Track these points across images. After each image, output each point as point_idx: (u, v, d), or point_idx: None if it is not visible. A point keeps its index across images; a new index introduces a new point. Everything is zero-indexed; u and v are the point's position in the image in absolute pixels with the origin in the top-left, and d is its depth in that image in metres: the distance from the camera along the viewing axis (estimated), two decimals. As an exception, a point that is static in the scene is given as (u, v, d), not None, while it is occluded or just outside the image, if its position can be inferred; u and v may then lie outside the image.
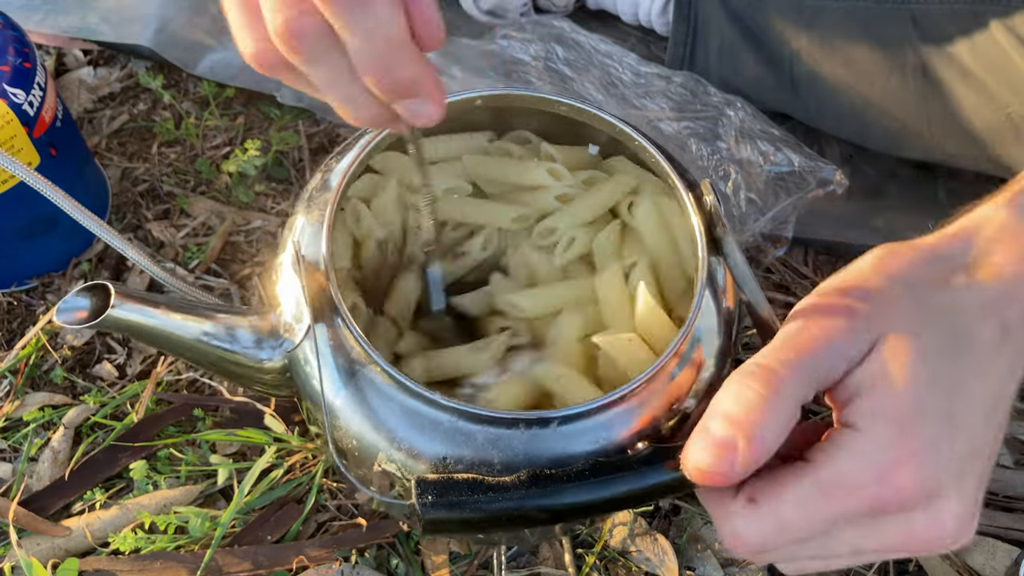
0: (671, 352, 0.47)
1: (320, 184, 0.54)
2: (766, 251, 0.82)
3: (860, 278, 0.43)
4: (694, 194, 0.52)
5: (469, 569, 0.68)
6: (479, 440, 0.45)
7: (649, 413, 0.46)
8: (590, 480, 0.42)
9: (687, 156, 0.85)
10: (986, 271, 0.43)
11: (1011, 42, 0.74)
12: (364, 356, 0.46)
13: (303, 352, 0.48)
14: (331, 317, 0.47)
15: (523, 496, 0.42)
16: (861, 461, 0.39)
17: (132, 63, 0.99)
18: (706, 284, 0.49)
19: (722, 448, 0.39)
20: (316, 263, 0.49)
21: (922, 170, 0.90)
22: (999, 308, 0.42)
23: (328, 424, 0.47)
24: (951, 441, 0.40)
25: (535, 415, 0.45)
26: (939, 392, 0.40)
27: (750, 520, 0.40)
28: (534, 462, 0.45)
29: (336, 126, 0.95)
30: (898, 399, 0.39)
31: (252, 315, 0.51)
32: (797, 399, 0.39)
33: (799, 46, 0.83)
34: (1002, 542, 0.70)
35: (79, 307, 0.47)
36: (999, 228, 0.44)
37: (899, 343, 0.40)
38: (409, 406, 0.46)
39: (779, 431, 0.39)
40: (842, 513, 0.39)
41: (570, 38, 0.93)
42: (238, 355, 0.50)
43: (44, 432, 0.75)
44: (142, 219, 0.87)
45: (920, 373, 0.40)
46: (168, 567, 0.66)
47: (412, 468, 0.46)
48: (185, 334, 0.49)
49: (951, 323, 0.41)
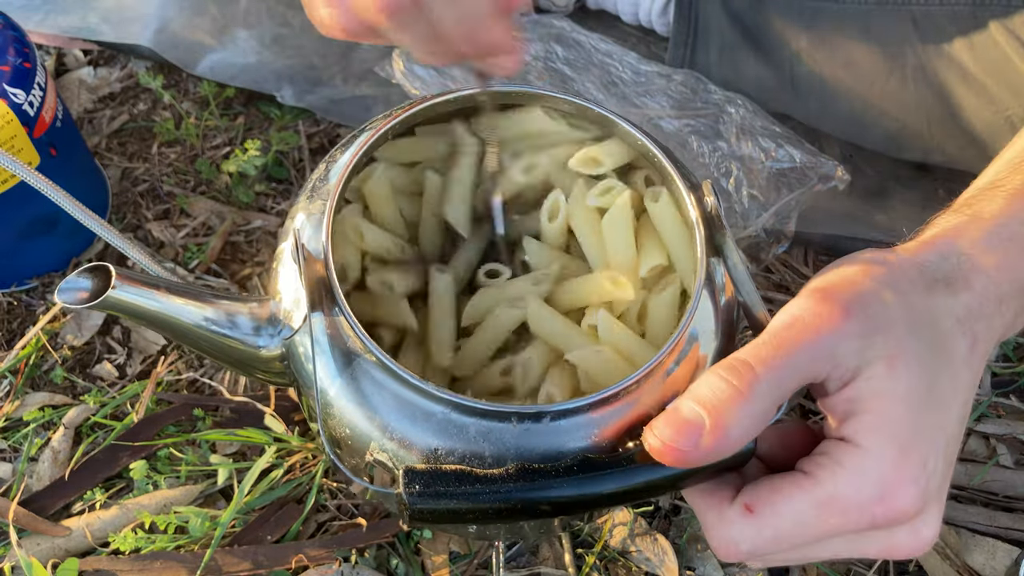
0: (667, 350, 0.47)
1: (323, 175, 0.54)
2: (768, 247, 0.82)
3: (850, 281, 0.43)
4: (695, 195, 0.52)
5: (469, 569, 0.68)
6: (471, 432, 0.45)
7: (642, 412, 0.46)
8: (578, 476, 0.43)
9: (688, 154, 0.85)
10: (961, 286, 0.43)
11: (1011, 44, 0.74)
12: (360, 345, 0.47)
13: (300, 340, 0.49)
14: (329, 306, 0.48)
15: (510, 489, 0.42)
16: (863, 481, 0.39)
17: (132, 63, 0.99)
18: (704, 284, 0.49)
19: (686, 425, 0.40)
20: (316, 253, 0.49)
21: (922, 170, 0.90)
22: (970, 322, 0.43)
23: (320, 412, 0.48)
24: (938, 459, 0.41)
25: (528, 409, 0.45)
26: (931, 410, 0.41)
27: (746, 528, 0.41)
28: (526, 456, 0.45)
29: (336, 126, 0.95)
30: (899, 420, 0.40)
31: (252, 302, 0.51)
32: (772, 398, 0.40)
33: (799, 47, 0.83)
34: (1002, 542, 0.70)
35: (80, 287, 0.48)
36: (972, 243, 0.45)
37: (898, 357, 0.40)
38: (402, 396, 0.46)
39: (747, 428, 0.40)
40: (837, 529, 0.40)
41: (570, 37, 0.92)
42: (236, 341, 0.50)
43: (44, 432, 0.75)
44: (142, 219, 0.87)
45: (917, 391, 0.40)
46: (168, 567, 0.66)
47: (404, 458, 0.46)
48: (184, 318, 0.49)
49: (933, 336, 0.42)
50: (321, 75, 0.95)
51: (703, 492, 0.43)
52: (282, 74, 0.95)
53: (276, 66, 0.95)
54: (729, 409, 0.39)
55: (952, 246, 0.45)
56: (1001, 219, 0.45)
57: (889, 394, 0.40)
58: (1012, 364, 0.81)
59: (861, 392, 0.40)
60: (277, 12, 0.99)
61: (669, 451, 0.40)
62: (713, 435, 0.39)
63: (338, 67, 0.96)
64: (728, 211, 0.82)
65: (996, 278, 0.44)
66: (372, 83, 0.94)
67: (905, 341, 0.40)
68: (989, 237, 0.45)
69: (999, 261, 0.44)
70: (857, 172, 0.90)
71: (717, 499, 0.42)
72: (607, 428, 0.46)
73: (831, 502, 0.39)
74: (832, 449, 0.40)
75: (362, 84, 0.95)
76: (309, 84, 0.94)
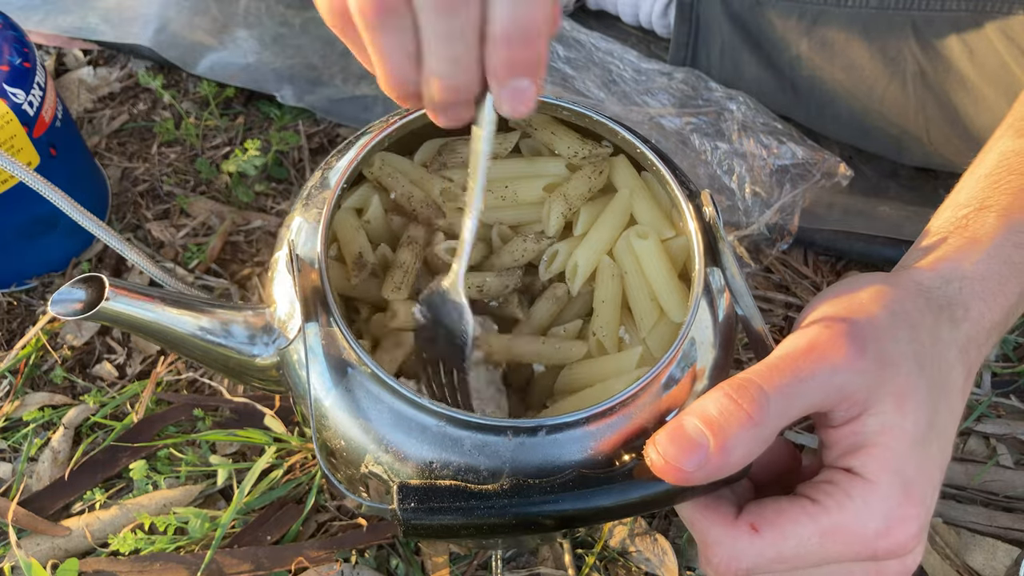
0: (664, 364, 0.46)
1: (319, 182, 0.54)
2: (771, 245, 0.82)
3: (863, 309, 0.43)
4: (694, 204, 0.51)
5: (468, 569, 0.68)
6: (466, 446, 0.45)
7: (639, 424, 0.46)
8: (573, 491, 0.42)
9: (690, 152, 0.84)
10: (961, 315, 0.44)
11: (1011, 52, 0.74)
12: (354, 357, 0.46)
13: (295, 350, 0.48)
14: (324, 317, 0.47)
15: (505, 505, 0.42)
16: (870, 514, 0.40)
17: (132, 63, 0.99)
18: (702, 295, 0.48)
19: (691, 444, 0.39)
20: (311, 262, 0.49)
21: (922, 170, 0.90)
22: (968, 351, 0.44)
23: (314, 424, 0.47)
24: (934, 493, 0.42)
25: (523, 423, 0.45)
26: (931, 444, 0.41)
27: (749, 547, 0.40)
28: (520, 470, 0.44)
29: (336, 126, 0.95)
30: (906, 456, 0.40)
31: (247, 311, 0.51)
32: (778, 423, 0.40)
33: (800, 51, 0.83)
34: (1002, 542, 0.70)
35: (74, 299, 0.47)
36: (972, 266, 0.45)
37: (908, 395, 0.41)
38: (397, 409, 0.46)
39: (750, 450, 0.40)
40: (837, 556, 0.40)
41: (570, 37, 0.92)
42: (231, 350, 0.50)
43: (44, 432, 0.75)
44: (142, 219, 0.87)
45: (922, 427, 0.41)
46: (168, 568, 0.66)
47: (399, 471, 0.46)
48: (179, 328, 0.49)
49: (938, 368, 0.42)
50: (321, 75, 0.95)
51: (704, 509, 0.42)
52: (282, 74, 0.95)
53: (276, 66, 0.95)
54: (736, 432, 0.39)
55: (954, 271, 0.45)
56: (997, 240, 0.46)
57: (897, 430, 0.40)
58: (1012, 364, 0.81)
59: (869, 427, 0.40)
60: (277, 12, 0.99)
61: (671, 470, 0.40)
62: (717, 457, 0.39)
63: (338, 67, 0.96)
64: (731, 208, 0.82)
65: (991, 305, 0.45)
66: (372, 83, 0.94)
67: (914, 378, 0.41)
68: (987, 260, 0.45)
69: (994, 288, 0.45)
70: (857, 172, 0.89)
71: (720, 516, 0.41)
72: (603, 441, 0.46)
73: (836, 531, 0.40)
74: (839, 479, 0.41)
75: (362, 84, 0.95)
76: (309, 84, 0.94)
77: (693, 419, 0.40)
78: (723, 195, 0.83)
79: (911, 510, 0.40)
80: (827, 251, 0.87)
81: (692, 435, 0.39)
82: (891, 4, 0.78)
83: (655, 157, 0.53)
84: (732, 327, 0.51)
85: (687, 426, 0.40)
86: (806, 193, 0.83)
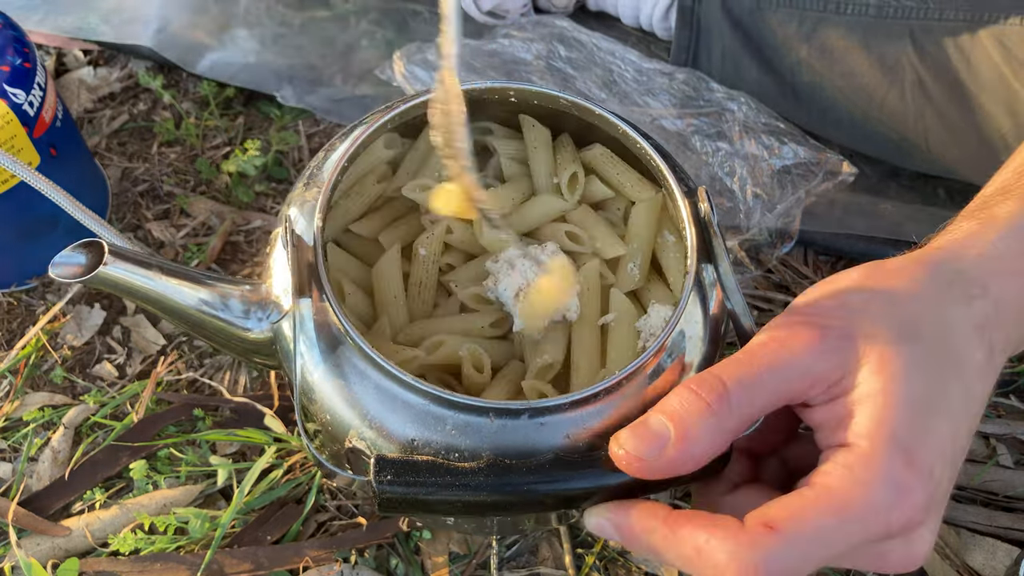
0: (652, 352, 0.46)
1: (320, 163, 0.54)
2: (772, 248, 0.82)
3: (838, 292, 0.43)
4: (690, 201, 0.51)
5: (468, 569, 0.68)
6: (448, 425, 0.45)
7: (623, 414, 0.46)
8: (549, 473, 0.43)
9: (691, 153, 0.84)
10: (977, 291, 0.43)
11: (1009, 64, 0.74)
12: (343, 332, 0.47)
13: (288, 324, 0.49)
14: (317, 292, 0.48)
15: (480, 484, 0.42)
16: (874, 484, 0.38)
17: (132, 63, 0.99)
18: (693, 289, 0.49)
19: (653, 437, 0.40)
20: (309, 240, 0.50)
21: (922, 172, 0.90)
22: (989, 331, 0.42)
23: (298, 396, 0.48)
24: (944, 468, 0.40)
25: (505, 405, 0.45)
26: (937, 416, 0.40)
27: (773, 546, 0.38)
28: (501, 452, 0.45)
29: (336, 126, 0.95)
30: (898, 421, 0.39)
31: (244, 285, 0.52)
32: (741, 415, 0.40)
33: (800, 57, 0.83)
34: (1002, 542, 0.70)
35: (75, 262, 0.48)
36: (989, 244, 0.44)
37: (888, 360, 0.40)
38: (383, 386, 0.46)
39: (713, 441, 0.40)
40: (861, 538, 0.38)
41: (571, 37, 0.92)
42: (226, 323, 0.50)
43: (44, 432, 0.75)
44: (142, 219, 0.87)
45: (918, 394, 0.40)
46: (168, 568, 0.66)
47: (382, 447, 0.46)
48: (176, 298, 0.49)
49: (942, 341, 0.41)
50: (321, 75, 0.95)
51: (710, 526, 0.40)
52: (282, 74, 0.95)
53: (276, 66, 0.95)
54: (695, 422, 0.39)
55: (966, 248, 0.44)
56: (1016, 219, 0.45)
57: (881, 395, 0.39)
58: (1012, 364, 0.81)
59: (851, 397, 0.40)
60: (277, 12, 0.99)
61: (632, 460, 0.40)
62: (677, 447, 0.39)
63: (338, 67, 0.96)
64: (732, 211, 0.82)
65: (1010, 283, 0.43)
66: (372, 83, 0.94)
67: (898, 346, 0.40)
68: (1006, 239, 0.44)
69: (1013, 266, 0.44)
70: (857, 173, 0.90)
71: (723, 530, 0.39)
72: (585, 428, 0.46)
73: (848, 508, 0.38)
74: (834, 455, 0.40)
75: (362, 84, 0.95)
76: (309, 84, 0.94)
77: (656, 414, 0.41)
78: (724, 197, 0.83)
79: (913, 478, 0.38)
80: (827, 251, 0.87)
81: (653, 427, 0.40)
82: (889, 13, 0.78)
83: (654, 152, 0.54)
84: (721, 323, 0.51)
85: (650, 420, 0.41)
86: (808, 195, 0.83)
